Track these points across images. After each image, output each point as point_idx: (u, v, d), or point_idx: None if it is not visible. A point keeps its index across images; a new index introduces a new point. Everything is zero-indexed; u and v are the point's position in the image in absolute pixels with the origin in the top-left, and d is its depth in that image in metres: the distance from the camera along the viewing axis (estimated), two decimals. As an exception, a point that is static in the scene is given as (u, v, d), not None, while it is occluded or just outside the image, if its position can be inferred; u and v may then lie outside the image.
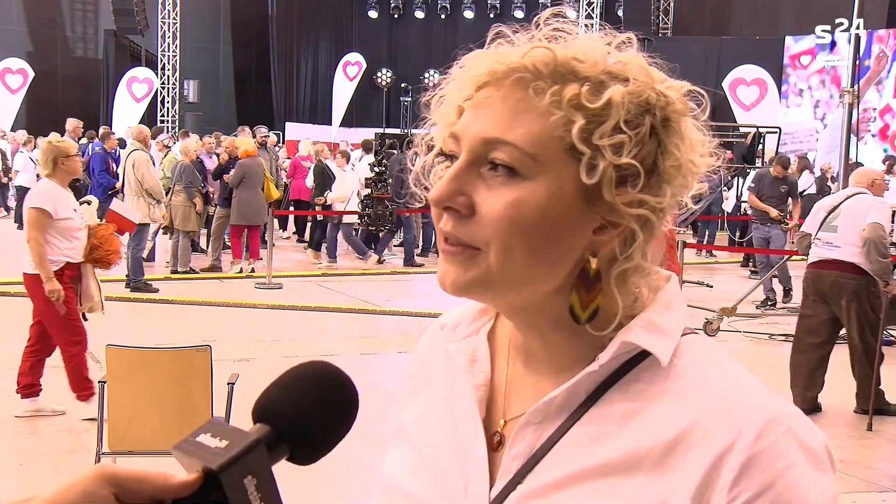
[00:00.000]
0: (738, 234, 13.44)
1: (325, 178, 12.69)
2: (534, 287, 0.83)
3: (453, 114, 0.86)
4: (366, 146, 14.56)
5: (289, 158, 16.26)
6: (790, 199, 10.88)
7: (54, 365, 6.63)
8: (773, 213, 10.56)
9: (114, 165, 11.84)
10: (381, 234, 12.86)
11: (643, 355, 0.83)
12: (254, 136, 12.16)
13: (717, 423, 0.78)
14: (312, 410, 0.75)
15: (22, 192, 17.04)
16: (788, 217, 10.89)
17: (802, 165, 15.35)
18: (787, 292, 10.59)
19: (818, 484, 0.78)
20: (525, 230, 0.79)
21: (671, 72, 0.86)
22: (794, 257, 10.24)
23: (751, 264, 12.98)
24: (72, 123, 15.56)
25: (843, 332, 6.35)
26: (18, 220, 16.20)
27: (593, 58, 0.82)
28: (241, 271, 11.45)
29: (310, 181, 13.35)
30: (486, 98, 0.82)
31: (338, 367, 0.79)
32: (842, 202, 6.18)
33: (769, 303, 10.31)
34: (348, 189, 12.53)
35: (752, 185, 11.02)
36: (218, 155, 12.98)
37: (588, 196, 0.80)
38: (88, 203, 6.37)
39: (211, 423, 0.73)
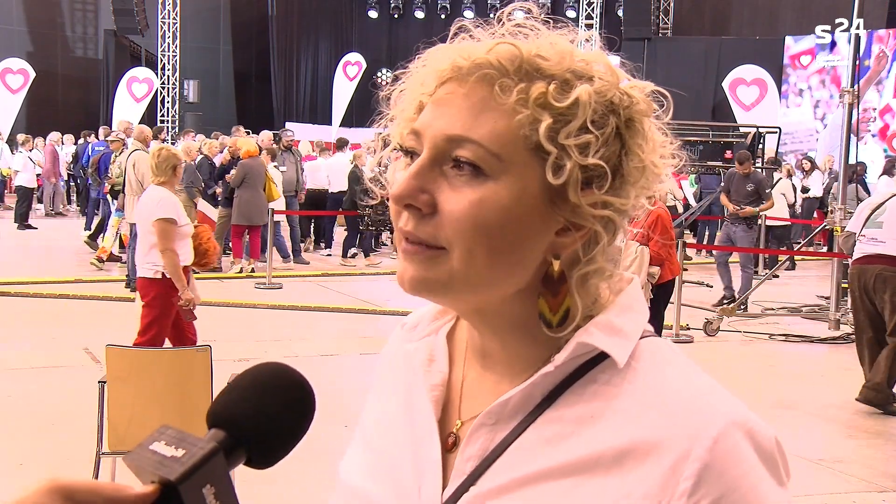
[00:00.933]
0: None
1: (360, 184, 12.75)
2: (494, 289, 0.81)
3: (412, 109, 0.84)
4: (339, 144, 14.71)
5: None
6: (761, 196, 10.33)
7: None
8: (731, 208, 10.34)
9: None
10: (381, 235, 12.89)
11: (601, 357, 0.82)
12: (278, 140, 11.92)
13: (674, 428, 0.77)
14: (268, 413, 0.73)
15: (21, 191, 16.82)
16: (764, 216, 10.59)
17: (810, 167, 15.37)
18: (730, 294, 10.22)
19: (775, 489, 0.77)
20: (488, 231, 0.78)
21: (632, 72, 0.85)
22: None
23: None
24: (123, 124, 15.70)
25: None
26: (18, 220, 16.17)
27: (558, 55, 0.80)
28: (241, 271, 11.45)
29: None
30: (449, 94, 0.80)
31: (293, 369, 0.77)
32: (887, 200, 6.40)
33: (725, 300, 10.00)
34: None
35: (723, 183, 10.93)
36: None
37: (552, 197, 0.79)
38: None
39: (162, 430, 0.71)
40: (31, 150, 18.05)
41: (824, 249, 13.85)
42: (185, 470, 0.67)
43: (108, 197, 11.80)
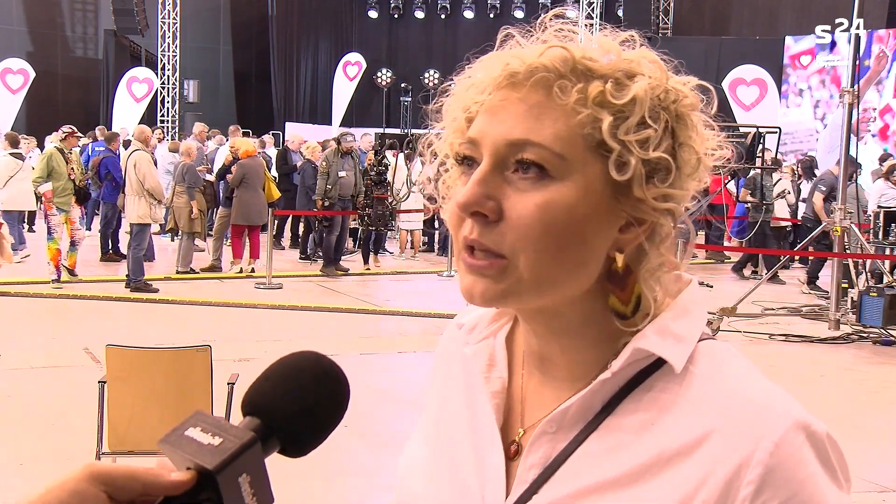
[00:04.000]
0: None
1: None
2: (563, 289, 0.82)
3: (463, 119, 0.85)
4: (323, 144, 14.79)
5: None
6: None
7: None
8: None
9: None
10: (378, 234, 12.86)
11: (660, 362, 0.82)
12: (339, 143, 11.85)
13: (734, 433, 0.77)
14: (303, 403, 0.74)
15: None
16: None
17: (807, 166, 15.33)
18: None
19: (836, 492, 0.77)
20: (556, 233, 0.78)
21: (676, 69, 0.86)
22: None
23: (751, 265, 12.98)
24: (198, 127, 15.69)
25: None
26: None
27: (607, 56, 0.81)
28: (241, 271, 11.45)
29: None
30: (503, 101, 0.81)
31: (328, 358, 0.77)
32: None
33: None
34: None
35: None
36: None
37: (615, 194, 0.80)
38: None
39: (197, 415, 0.71)
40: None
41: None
42: (224, 459, 0.67)
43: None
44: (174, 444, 0.69)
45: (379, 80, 27.98)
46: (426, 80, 27.64)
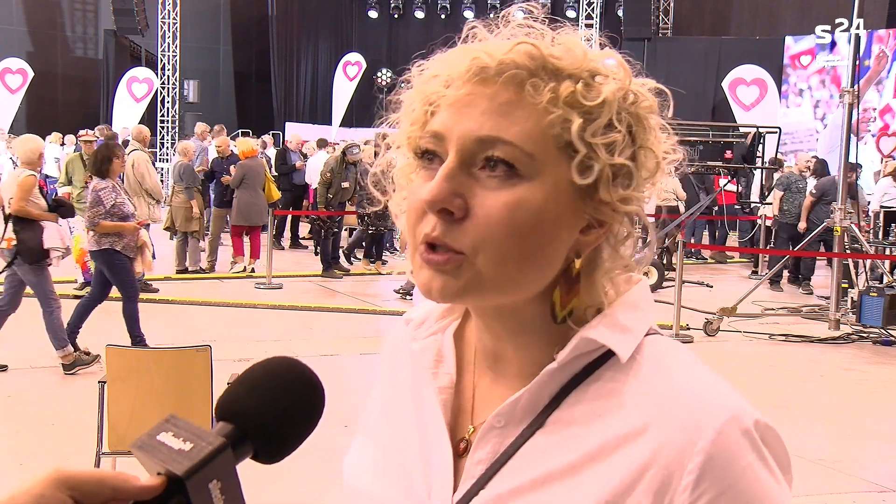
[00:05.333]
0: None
1: None
2: (523, 288, 0.81)
3: (423, 112, 0.83)
4: (319, 143, 14.77)
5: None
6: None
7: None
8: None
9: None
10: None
11: (607, 356, 0.82)
12: (344, 154, 11.71)
13: (676, 423, 0.77)
14: (277, 408, 0.73)
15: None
16: None
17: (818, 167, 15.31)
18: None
19: (777, 483, 0.77)
20: (522, 233, 0.77)
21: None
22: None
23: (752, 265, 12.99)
24: (200, 127, 15.71)
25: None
26: None
27: (573, 55, 0.80)
28: (243, 270, 11.45)
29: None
30: (470, 95, 0.79)
31: (303, 364, 0.77)
32: None
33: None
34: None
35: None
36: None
37: (580, 195, 0.80)
38: None
39: (170, 420, 0.71)
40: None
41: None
42: (193, 465, 0.66)
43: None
44: (146, 449, 0.69)
45: (379, 80, 27.99)
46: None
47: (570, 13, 25.17)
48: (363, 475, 0.94)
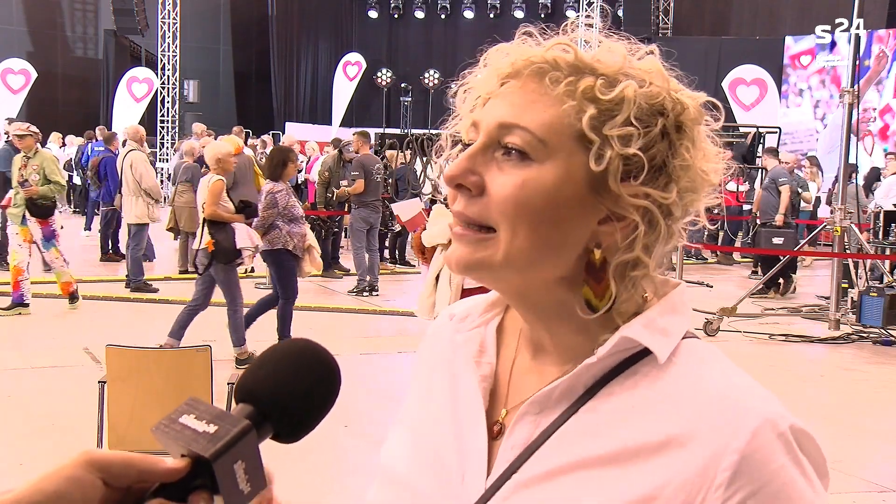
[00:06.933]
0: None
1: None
2: (536, 271, 0.85)
3: (477, 106, 0.89)
4: (334, 143, 14.81)
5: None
6: None
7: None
8: None
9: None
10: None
11: (643, 353, 0.84)
12: (341, 152, 11.68)
13: (713, 423, 0.79)
14: (296, 389, 0.75)
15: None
16: None
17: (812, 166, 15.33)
18: None
19: (811, 485, 0.79)
20: (530, 212, 0.82)
21: (683, 81, 0.88)
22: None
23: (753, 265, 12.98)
24: (198, 127, 15.75)
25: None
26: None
27: (612, 60, 0.85)
28: (245, 271, 11.44)
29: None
30: (507, 89, 0.86)
31: (320, 346, 0.79)
32: None
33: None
34: None
35: None
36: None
37: (595, 186, 0.83)
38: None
39: (191, 403, 0.72)
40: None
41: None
42: (220, 447, 0.68)
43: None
44: (169, 431, 0.70)
45: (379, 80, 27.99)
46: (426, 81, 27.62)
47: (570, 13, 25.20)
48: (397, 461, 0.97)
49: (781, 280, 11.15)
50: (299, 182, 15.60)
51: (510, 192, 0.82)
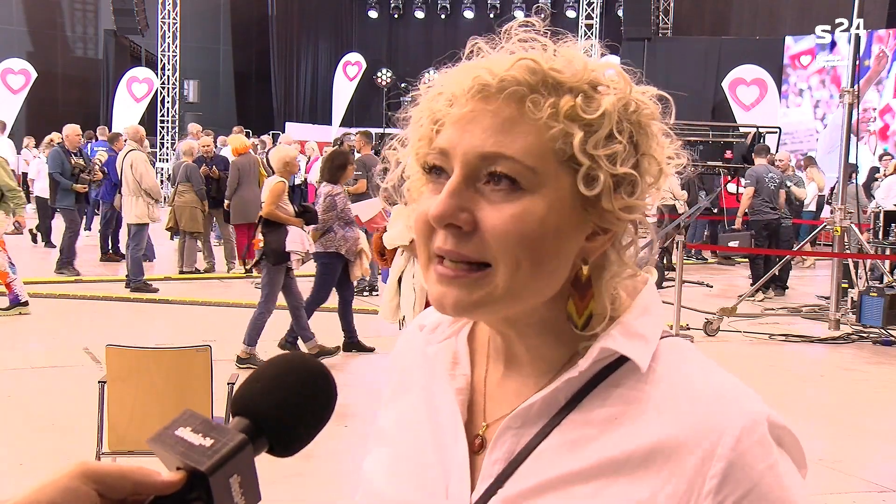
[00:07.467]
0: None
1: None
2: (534, 298, 0.84)
3: (430, 129, 0.85)
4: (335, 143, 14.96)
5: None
6: None
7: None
8: None
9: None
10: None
11: (622, 360, 0.84)
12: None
13: (697, 427, 0.79)
14: (293, 404, 0.75)
15: (42, 203, 13.88)
16: None
17: (808, 165, 15.30)
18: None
19: (798, 481, 0.80)
20: (530, 243, 0.80)
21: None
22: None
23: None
24: (194, 127, 15.77)
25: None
26: (45, 239, 14.08)
27: (573, 68, 0.82)
28: (247, 271, 11.44)
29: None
30: (473, 112, 0.81)
31: (316, 360, 0.80)
32: None
33: None
34: None
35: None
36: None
37: (583, 204, 0.82)
38: None
39: (187, 415, 0.72)
40: (38, 154, 16.88)
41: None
42: (216, 461, 0.68)
43: None
44: (165, 444, 0.70)
45: (379, 80, 27.98)
46: (426, 81, 27.56)
47: (570, 13, 25.18)
48: (379, 476, 0.96)
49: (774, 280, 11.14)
50: (298, 182, 15.60)
51: (510, 227, 0.79)
